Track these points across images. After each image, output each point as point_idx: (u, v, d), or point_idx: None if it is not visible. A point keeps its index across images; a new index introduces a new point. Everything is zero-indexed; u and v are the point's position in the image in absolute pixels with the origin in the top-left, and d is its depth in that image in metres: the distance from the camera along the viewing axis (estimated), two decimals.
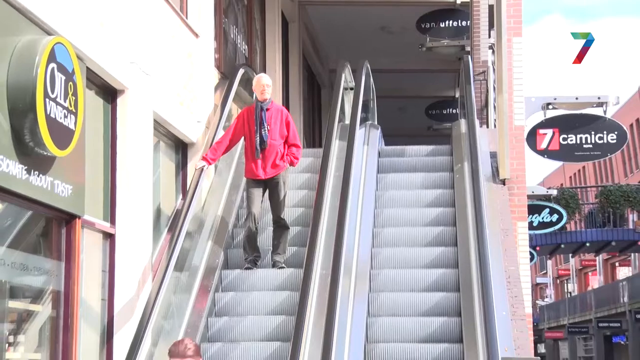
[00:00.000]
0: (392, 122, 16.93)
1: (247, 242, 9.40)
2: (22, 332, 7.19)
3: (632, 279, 45.30)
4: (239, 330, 8.88)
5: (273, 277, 9.45)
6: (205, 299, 9.09)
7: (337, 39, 19.75)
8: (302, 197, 11.13)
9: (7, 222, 7.01)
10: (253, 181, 9.48)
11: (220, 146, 9.60)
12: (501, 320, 7.97)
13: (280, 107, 9.89)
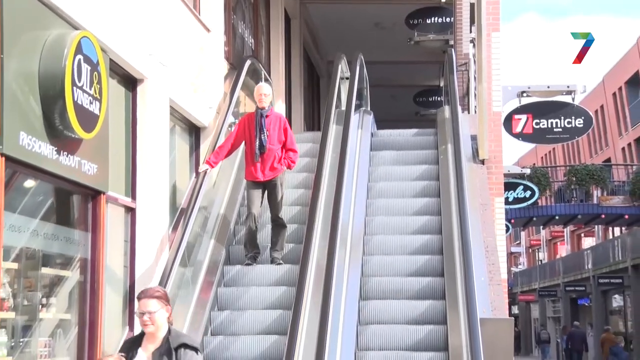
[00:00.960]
0: (384, 108, 16.91)
1: (248, 240, 9.19)
2: (54, 295, 7.23)
3: (595, 248, 45.51)
4: (239, 324, 8.70)
5: (271, 272, 9.21)
6: (208, 293, 8.92)
7: (335, 33, 19.73)
8: (302, 179, 11.03)
9: (39, 198, 7.05)
10: (253, 183, 9.25)
11: (222, 150, 9.34)
12: (480, 285, 8.02)
13: (279, 115, 9.66)
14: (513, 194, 22.67)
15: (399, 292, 9.04)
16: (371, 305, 8.94)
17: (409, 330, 8.59)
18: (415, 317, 8.81)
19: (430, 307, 8.78)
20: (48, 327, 7.13)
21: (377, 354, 8.34)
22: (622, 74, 46.16)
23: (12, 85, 6.20)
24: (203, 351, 8.03)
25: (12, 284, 6.51)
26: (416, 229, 10.13)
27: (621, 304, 43.21)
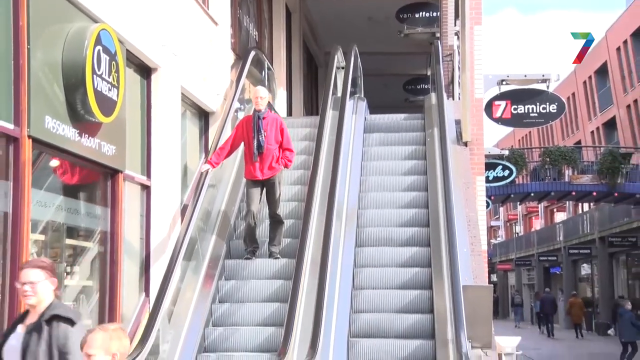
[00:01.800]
0: (376, 95, 16.85)
1: (247, 235, 8.84)
2: (77, 264, 7.25)
3: (566, 222, 45.76)
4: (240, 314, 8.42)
5: (269, 266, 8.89)
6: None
7: (331, 26, 19.66)
8: (299, 176, 10.79)
9: (64, 176, 7.04)
10: (252, 182, 8.87)
11: (223, 151, 8.96)
12: (463, 255, 8.04)
13: (276, 116, 9.21)
14: (493, 173, 22.72)
15: (390, 260, 9.04)
16: (364, 272, 8.95)
17: (399, 294, 8.61)
18: (404, 283, 8.83)
19: (417, 273, 8.80)
20: (72, 293, 7.15)
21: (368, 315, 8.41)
22: (591, 64, 46.06)
23: (37, 74, 6.21)
24: (205, 342, 7.93)
25: (40, 254, 6.52)
26: (405, 203, 10.11)
27: (589, 272, 43.46)
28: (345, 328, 7.96)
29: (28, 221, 6.08)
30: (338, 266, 8.54)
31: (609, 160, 27.39)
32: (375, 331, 8.20)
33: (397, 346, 7.91)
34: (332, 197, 8.73)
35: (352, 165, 10.43)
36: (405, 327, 8.19)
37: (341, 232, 9.05)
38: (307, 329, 7.10)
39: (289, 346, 6.72)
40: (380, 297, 8.60)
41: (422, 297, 8.51)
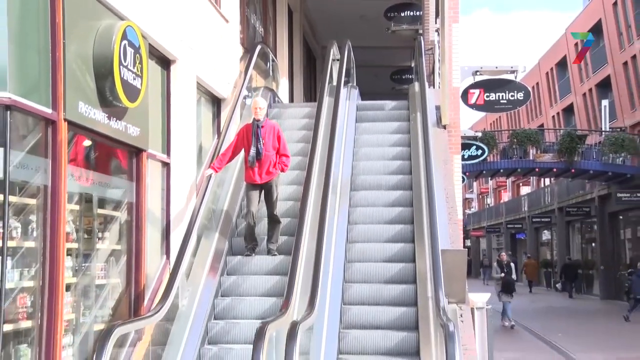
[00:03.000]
0: (367, 84, 16.74)
1: (247, 234, 8.53)
2: (107, 230, 7.25)
3: (530, 195, 46.02)
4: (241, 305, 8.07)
5: (267, 263, 8.53)
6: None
7: (328, 23, 19.60)
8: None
9: (95, 154, 7.03)
10: (251, 185, 8.50)
11: (225, 157, 8.63)
12: (441, 224, 8.05)
13: (273, 124, 8.75)
14: (468, 152, 22.73)
15: (379, 236, 9.00)
16: (357, 228, 9.06)
17: (386, 247, 8.74)
18: (390, 238, 8.91)
19: (401, 230, 8.86)
20: (103, 255, 7.16)
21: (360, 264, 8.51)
22: (553, 57, 46.11)
23: (72, 65, 6.18)
24: (207, 335, 7.63)
25: (75, 221, 6.53)
26: (393, 170, 10.14)
27: (549, 238, 43.74)
28: (340, 276, 8.09)
29: (64, 193, 6.08)
30: (334, 225, 8.60)
31: (567, 141, 27.42)
32: (365, 279, 8.33)
33: (386, 289, 8.08)
34: (329, 167, 8.77)
35: (345, 142, 10.43)
36: (392, 274, 8.31)
37: (337, 193, 9.12)
38: (306, 284, 7.12)
39: (290, 300, 6.74)
40: (370, 250, 8.70)
41: (406, 250, 8.62)
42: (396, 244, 8.74)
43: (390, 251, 8.67)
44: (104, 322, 6.97)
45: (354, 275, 8.37)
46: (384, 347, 7.41)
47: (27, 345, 5.80)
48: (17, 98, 5.54)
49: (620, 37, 34.62)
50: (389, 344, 7.42)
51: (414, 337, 7.37)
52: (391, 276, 8.33)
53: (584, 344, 15.03)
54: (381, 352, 7.38)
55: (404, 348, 7.35)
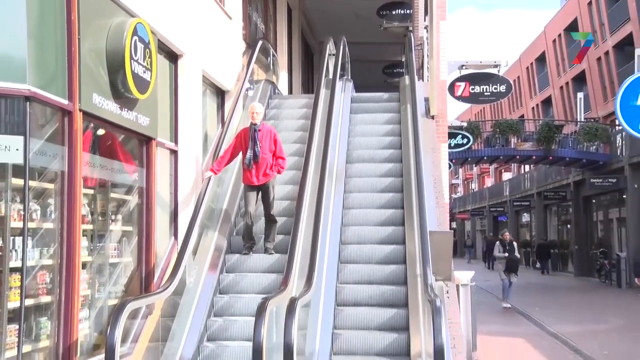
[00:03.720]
0: (361, 77, 16.65)
1: (245, 233, 8.27)
2: (120, 213, 7.24)
3: (511, 180, 46.07)
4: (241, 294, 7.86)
5: (265, 261, 8.25)
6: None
7: (325, 21, 19.51)
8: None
9: (108, 142, 7.00)
10: (249, 186, 8.25)
11: (223, 160, 8.35)
12: (429, 207, 8.05)
13: (269, 127, 8.46)
14: (454, 141, 22.71)
15: (371, 219, 9.00)
16: (351, 213, 9.04)
17: (379, 230, 8.74)
18: (382, 221, 8.90)
19: (392, 215, 8.84)
20: (116, 236, 7.15)
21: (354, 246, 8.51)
22: (533, 53, 46.05)
23: (86, 59, 6.16)
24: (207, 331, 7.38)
25: (90, 204, 6.52)
26: (384, 158, 10.12)
27: (528, 220, 43.84)
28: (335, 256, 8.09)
29: (80, 178, 6.07)
30: (330, 208, 8.58)
31: (546, 131, 27.42)
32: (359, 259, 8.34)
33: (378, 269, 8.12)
34: (325, 153, 8.73)
35: (341, 131, 10.39)
36: (384, 255, 8.33)
37: (333, 178, 9.08)
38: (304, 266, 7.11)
39: (289, 278, 6.75)
40: (363, 233, 8.70)
41: (397, 233, 8.62)
42: (388, 227, 8.72)
43: (383, 233, 8.66)
44: (117, 298, 6.98)
45: (348, 256, 8.37)
46: (377, 323, 7.43)
47: (47, 318, 5.82)
48: (36, 90, 5.52)
49: (595, 34, 34.60)
50: (381, 320, 7.44)
51: (404, 313, 7.39)
52: (383, 256, 8.32)
53: (558, 316, 15.12)
54: (374, 327, 7.41)
55: (394, 323, 7.36)
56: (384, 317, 7.44)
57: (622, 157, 26.10)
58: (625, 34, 30.48)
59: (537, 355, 10.24)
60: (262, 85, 11.67)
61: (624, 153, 25.91)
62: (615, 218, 28.96)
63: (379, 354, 7.04)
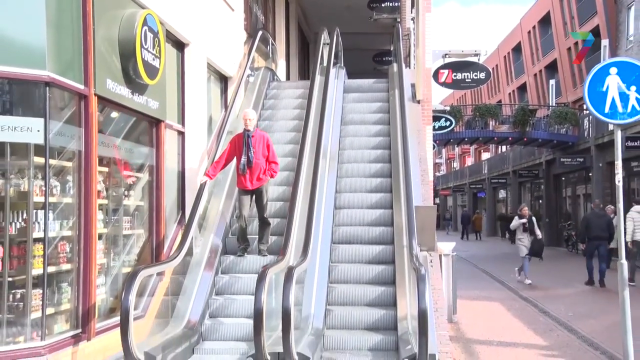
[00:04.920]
0: (353, 65, 16.53)
1: (239, 235, 7.88)
2: (132, 189, 7.23)
3: (489, 160, 46.07)
4: (237, 286, 7.57)
5: (259, 263, 7.69)
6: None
7: (319, 13, 19.32)
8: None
9: (121, 124, 6.97)
10: (243, 191, 7.81)
11: (219, 165, 7.89)
12: (415, 183, 8.06)
13: (262, 133, 7.97)
14: (438, 124, 22.63)
15: (362, 186, 9.06)
16: (343, 181, 9.11)
17: (369, 196, 8.78)
18: (373, 188, 8.95)
19: (382, 197, 8.83)
20: (129, 210, 7.14)
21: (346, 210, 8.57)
22: (509, 43, 45.88)
23: (100, 47, 6.11)
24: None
25: (105, 181, 6.50)
26: (374, 145, 10.10)
27: (504, 196, 43.92)
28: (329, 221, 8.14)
29: (95, 157, 6.05)
30: (325, 181, 8.61)
31: (521, 114, 27.39)
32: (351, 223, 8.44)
33: (367, 230, 8.21)
34: (320, 133, 8.72)
35: (334, 113, 10.37)
36: (373, 218, 8.40)
37: (327, 156, 9.11)
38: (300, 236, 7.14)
39: (287, 248, 6.77)
40: (354, 198, 8.74)
41: (385, 199, 8.68)
42: (378, 194, 8.80)
43: (372, 199, 8.72)
44: (131, 266, 6.99)
45: (341, 220, 8.44)
46: (367, 278, 7.61)
47: (67, 284, 5.83)
48: (55, 76, 5.50)
49: (565, 26, 34.55)
50: (371, 275, 7.60)
51: (391, 268, 7.42)
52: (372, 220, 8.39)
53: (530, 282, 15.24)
54: (364, 282, 7.55)
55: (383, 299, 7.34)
56: (374, 272, 7.61)
57: (588, 138, 26.15)
58: (592, 26, 30.40)
59: (510, 316, 10.34)
60: (262, 72, 11.60)
61: (590, 135, 25.96)
62: (582, 194, 29.08)
63: (369, 303, 7.24)
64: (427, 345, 5.33)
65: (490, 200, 44.31)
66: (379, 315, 6.97)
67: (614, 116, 6.34)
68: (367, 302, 7.26)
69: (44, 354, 5.34)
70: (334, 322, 6.99)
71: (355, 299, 7.29)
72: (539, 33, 39.39)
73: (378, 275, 7.61)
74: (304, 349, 5.80)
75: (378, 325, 6.92)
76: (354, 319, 6.98)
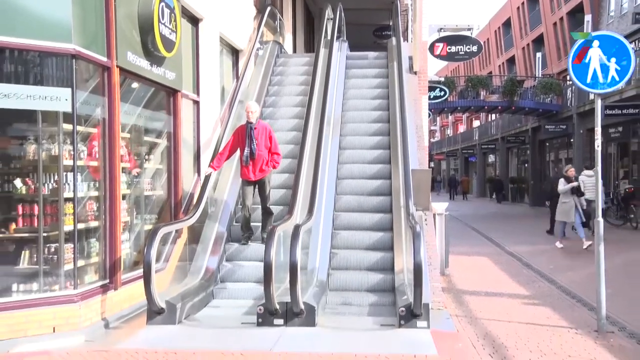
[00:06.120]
0: (354, 39, 16.32)
1: (243, 224, 7.53)
2: (152, 153, 7.25)
3: (480, 127, 45.80)
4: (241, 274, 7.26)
5: (261, 250, 7.11)
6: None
7: None
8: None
9: (141, 94, 6.94)
10: (246, 181, 7.43)
11: (222, 157, 7.48)
12: (412, 148, 8.06)
13: (265, 124, 7.51)
14: (433, 93, 22.46)
15: (363, 158, 9.01)
16: (345, 153, 9.07)
17: (369, 167, 8.77)
18: (373, 159, 8.92)
19: (382, 168, 8.80)
20: (149, 172, 7.18)
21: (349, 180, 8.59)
22: (500, 18, 45.25)
23: (121, 22, 6.05)
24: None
25: (127, 146, 6.51)
26: (374, 106, 10.07)
27: (493, 160, 43.84)
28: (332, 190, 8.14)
29: (118, 124, 6.06)
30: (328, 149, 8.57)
31: (510, 85, 27.19)
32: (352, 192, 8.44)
33: (368, 199, 8.22)
34: (324, 105, 8.65)
35: (337, 83, 10.30)
36: (373, 188, 8.40)
37: (331, 124, 9.05)
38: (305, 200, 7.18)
39: (294, 208, 6.81)
40: (355, 169, 8.72)
41: (384, 170, 8.67)
42: (377, 165, 8.77)
43: (372, 170, 8.71)
44: (152, 224, 7.06)
45: (343, 189, 8.43)
46: (367, 224, 7.74)
47: (95, 239, 5.90)
48: (80, 49, 5.47)
49: (552, 2, 34.03)
50: (370, 222, 7.72)
51: (388, 236, 7.50)
52: (373, 189, 8.40)
53: (515, 239, 15.34)
54: (364, 228, 7.74)
55: (382, 244, 7.48)
56: (373, 219, 7.79)
57: (571, 107, 26.02)
58: (576, 3, 29.95)
59: (497, 269, 10.45)
60: (270, 46, 11.49)
61: (572, 104, 25.82)
62: (564, 158, 29.02)
63: (368, 247, 7.43)
64: (421, 295, 5.41)
65: (481, 164, 44.26)
66: (379, 253, 7.09)
67: (595, 86, 6.29)
68: (367, 246, 7.49)
69: (76, 301, 5.44)
70: (338, 264, 7.21)
71: (357, 244, 7.51)
72: (527, 9, 38.85)
73: (378, 222, 7.83)
74: (309, 299, 5.89)
75: (377, 246, 7.34)
76: (357, 260, 7.22)
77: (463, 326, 6.18)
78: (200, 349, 5.03)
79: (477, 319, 6.58)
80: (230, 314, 6.28)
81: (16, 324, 5.16)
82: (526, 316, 6.73)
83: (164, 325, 5.72)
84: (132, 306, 6.21)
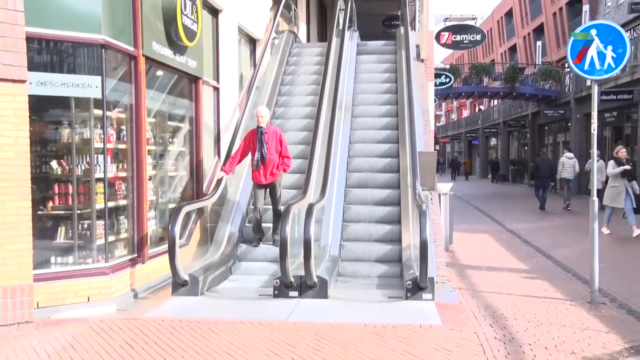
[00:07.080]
0: (365, 28, 16.14)
1: (255, 226, 7.21)
2: (175, 137, 7.26)
3: (483, 112, 45.40)
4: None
5: (272, 251, 7.08)
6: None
7: None
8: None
9: (165, 81, 6.94)
10: (257, 185, 7.11)
11: (234, 160, 7.12)
12: (419, 132, 8.01)
13: (275, 129, 7.16)
14: (439, 80, 22.23)
15: (372, 138, 8.97)
16: (356, 134, 9.01)
17: (378, 147, 8.73)
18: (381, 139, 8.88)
19: (390, 147, 8.74)
20: (173, 155, 7.20)
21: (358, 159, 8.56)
22: (502, 8, 44.56)
23: (147, 14, 6.03)
24: None
25: (153, 130, 6.54)
26: (383, 89, 10.01)
27: (495, 143, 43.50)
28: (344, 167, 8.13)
29: (144, 110, 6.07)
30: (340, 131, 8.53)
31: (511, 72, 26.85)
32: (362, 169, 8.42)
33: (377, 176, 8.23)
34: (336, 90, 8.60)
35: (348, 70, 10.22)
36: (382, 165, 8.40)
37: (342, 108, 8.99)
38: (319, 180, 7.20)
39: (308, 189, 6.82)
40: (365, 148, 8.70)
41: (392, 149, 8.65)
42: (385, 144, 8.75)
43: (381, 149, 8.70)
44: (175, 202, 7.10)
45: (354, 167, 8.44)
46: (377, 199, 7.77)
47: (124, 217, 5.96)
48: (109, 39, 5.47)
49: None
50: (380, 197, 7.72)
51: (396, 210, 7.50)
52: (382, 167, 8.39)
53: (515, 217, 15.27)
54: (373, 203, 7.77)
55: (390, 217, 7.48)
56: (382, 194, 7.81)
57: (569, 93, 25.71)
58: None
59: (498, 245, 10.42)
60: (285, 35, 11.40)
61: (570, 90, 25.50)
62: (562, 141, 28.72)
63: (378, 220, 7.46)
64: (426, 270, 5.42)
65: (483, 147, 43.97)
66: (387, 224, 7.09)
67: (592, 72, 6.20)
68: (377, 220, 7.52)
69: (108, 273, 5.52)
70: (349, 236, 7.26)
71: (368, 218, 7.54)
72: (529, 0, 38.23)
73: (387, 198, 7.83)
74: (322, 273, 5.92)
75: (386, 219, 7.42)
76: (366, 232, 7.27)
77: (465, 298, 6.19)
78: (221, 319, 5.09)
79: (478, 291, 6.59)
80: (248, 287, 6.34)
81: (55, 293, 5.26)
82: (524, 289, 6.73)
83: (187, 296, 5.79)
84: (158, 279, 6.29)
